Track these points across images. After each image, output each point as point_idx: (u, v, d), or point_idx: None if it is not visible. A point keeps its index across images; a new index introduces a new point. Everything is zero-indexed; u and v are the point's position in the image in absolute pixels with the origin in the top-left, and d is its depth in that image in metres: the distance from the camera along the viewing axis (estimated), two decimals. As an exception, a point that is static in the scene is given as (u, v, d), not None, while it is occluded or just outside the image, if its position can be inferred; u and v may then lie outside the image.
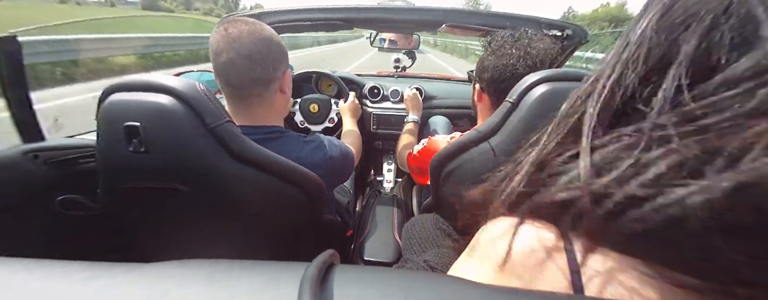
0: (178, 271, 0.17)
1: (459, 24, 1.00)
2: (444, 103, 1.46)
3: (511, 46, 0.70)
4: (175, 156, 0.48)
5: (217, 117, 0.49)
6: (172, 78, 0.49)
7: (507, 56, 0.69)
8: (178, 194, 0.51)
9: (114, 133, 0.47)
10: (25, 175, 0.59)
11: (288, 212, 0.62)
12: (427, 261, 0.69)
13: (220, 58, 0.57)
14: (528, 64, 0.67)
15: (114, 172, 0.52)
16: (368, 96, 1.49)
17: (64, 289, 0.16)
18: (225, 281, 0.16)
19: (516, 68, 0.68)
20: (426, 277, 0.18)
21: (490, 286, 0.18)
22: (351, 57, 13.45)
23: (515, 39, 0.71)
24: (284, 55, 0.64)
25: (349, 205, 1.07)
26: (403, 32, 1.62)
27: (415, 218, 0.88)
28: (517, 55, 0.68)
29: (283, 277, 0.17)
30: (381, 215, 1.04)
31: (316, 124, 1.35)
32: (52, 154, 0.62)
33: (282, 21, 0.99)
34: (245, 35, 0.57)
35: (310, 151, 0.65)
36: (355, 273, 0.17)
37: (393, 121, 1.48)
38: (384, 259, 0.86)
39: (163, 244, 0.60)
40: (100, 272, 0.17)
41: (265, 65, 0.60)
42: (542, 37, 0.71)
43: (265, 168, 0.54)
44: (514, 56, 0.68)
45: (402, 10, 1.02)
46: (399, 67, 1.76)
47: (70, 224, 0.64)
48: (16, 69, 0.58)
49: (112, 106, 0.47)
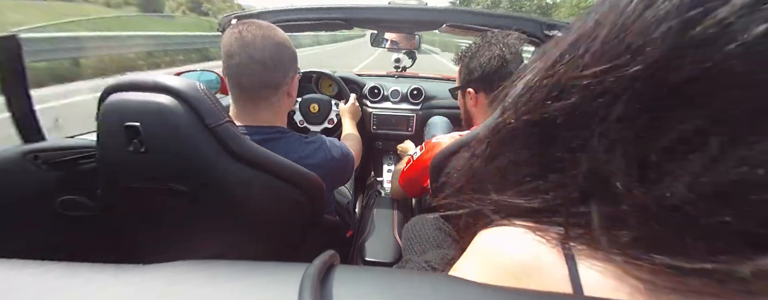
0: (177, 272, 0.17)
1: (460, 24, 1.00)
2: (444, 103, 1.46)
3: (487, 46, 0.75)
4: (175, 156, 0.48)
5: (217, 117, 0.49)
6: (172, 78, 0.49)
7: (489, 52, 0.74)
8: (178, 194, 0.51)
9: (114, 133, 0.47)
10: (25, 176, 0.59)
11: (288, 213, 0.61)
12: (429, 261, 0.69)
13: (233, 60, 0.58)
14: (511, 51, 0.73)
15: (114, 172, 0.52)
16: (368, 96, 1.49)
17: (64, 291, 0.16)
18: (225, 282, 0.16)
19: (503, 57, 0.73)
20: (426, 277, 0.18)
21: (490, 285, 0.18)
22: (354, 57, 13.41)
23: (487, 40, 0.77)
24: (295, 60, 0.65)
25: (349, 205, 1.07)
26: (404, 32, 1.62)
27: (416, 218, 0.88)
28: (499, 48, 0.74)
29: (283, 277, 0.17)
30: (381, 216, 1.04)
31: (316, 125, 1.35)
32: (53, 154, 0.62)
33: (282, 20, 0.99)
34: (260, 40, 0.58)
35: (312, 151, 0.65)
36: (354, 273, 0.17)
37: (393, 122, 1.48)
38: (384, 259, 0.85)
39: (163, 244, 0.60)
40: (100, 274, 0.17)
41: (276, 70, 0.61)
42: (510, 33, 0.77)
43: (265, 168, 0.54)
44: (496, 49, 0.74)
45: (402, 9, 1.02)
46: (399, 67, 1.76)
47: (70, 225, 0.64)
48: (16, 68, 0.58)
49: (113, 106, 0.47)
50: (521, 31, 0.81)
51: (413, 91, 1.48)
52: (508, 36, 0.76)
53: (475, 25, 0.99)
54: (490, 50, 0.74)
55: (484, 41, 0.77)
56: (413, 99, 1.48)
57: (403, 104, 1.49)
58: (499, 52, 0.73)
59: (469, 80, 0.79)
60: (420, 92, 1.47)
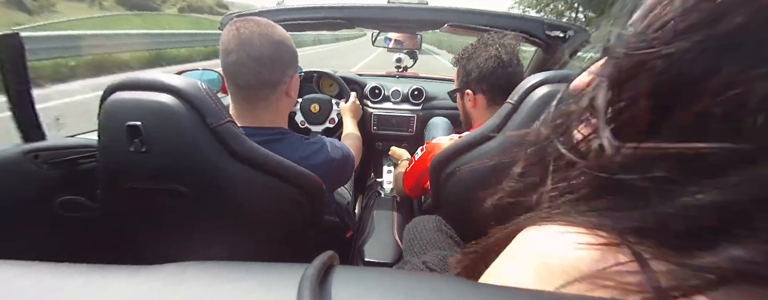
0: (176, 273, 0.17)
1: (461, 24, 1.00)
2: (445, 104, 1.46)
3: (484, 46, 0.76)
4: (176, 155, 0.48)
5: (218, 116, 0.49)
6: (174, 77, 0.49)
7: (486, 53, 0.75)
8: (178, 195, 0.51)
9: (115, 133, 0.47)
10: (25, 175, 0.59)
11: (288, 213, 0.61)
12: (426, 262, 0.69)
13: (230, 57, 0.57)
14: (507, 51, 0.74)
15: (115, 171, 0.52)
16: (369, 96, 1.49)
17: (64, 291, 0.16)
18: (224, 283, 0.16)
19: (500, 58, 0.73)
20: (425, 278, 0.18)
21: (490, 286, 0.18)
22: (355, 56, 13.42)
23: (484, 41, 0.77)
24: (294, 59, 0.64)
25: (348, 206, 1.07)
26: (406, 32, 1.63)
27: (417, 219, 0.88)
28: (495, 48, 0.74)
29: (282, 278, 0.17)
30: (381, 216, 1.04)
31: (317, 125, 1.35)
32: (53, 153, 0.62)
33: (283, 20, 0.99)
34: (257, 37, 0.57)
35: (312, 152, 0.65)
36: (354, 274, 0.17)
37: (394, 122, 1.47)
38: (384, 260, 0.85)
39: (162, 244, 0.60)
40: (100, 274, 0.17)
41: (273, 68, 0.60)
42: (506, 34, 0.77)
43: (266, 168, 0.53)
44: (493, 49, 0.74)
45: (403, 9, 1.02)
46: (400, 67, 1.76)
47: (70, 225, 0.64)
48: (17, 67, 0.58)
49: (114, 105, 0.47)
50: (523, 32, 0.81)
51: (414, 91, 1.48)
52: (505, 36, 0.76)
53: (477, 25, 0.99)
54: (487, 51, 0.75)
55: (481, 42, 0.77)
56: (414, 99, 1.48)
57: (404, 105, 1.49)
58: (496, 53, 0.73)
59: (466, 82, 0.79)
60: (421, 93, 1.47)
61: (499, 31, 0.79)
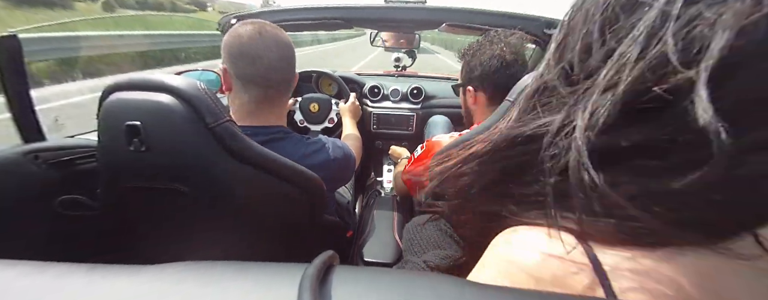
0: (176, 273, 0.17)
1: (459, 23, 1.00)
2: (444, 103, 1.46)
3: (489, 44, 0.76)
4: (176, 155, 0.48)
5: (217, 116, 0.49)
6: (172, 77, 0.48)
7: (490, 51, 0.74)
8: (179, 194, 0.51)
9: (115, 132, 0.47)
10: (25, 176, 0.59)
11: (288, 213, 0.61)
12: (427, 261, 0.69)
13: (261, 61, 0.59)
14: (511, 51, 0.73)
15: (115, 171, 0.52)
16: (368, 95, 1.49)
17: (64, 291, 0.16)
18: (224, 282, 0.16)
19: (503, 57, 0.73)
20: (425, 278, 0.18)
21: (490, 286, 0.18)
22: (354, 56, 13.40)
23: (489, 39, 0.77)
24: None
25: (348, 205, 1.07)
26: (403, 31, 1.63)
27: (417, 219, 0.88)
28: (499, 48, 0.74)
29: (282, 278, 0.17)
30: (381, 216, 1.04)
31: (316, 124, 1.35)
32: (53, 154, 0.62)
33: (282, 20, 0.99)
34: (279, 39, 0.61)
35: (313, 152, 0.65)
36: (354, 274, 0.17)
37: (393, 121, 1.47)
38: (384, 260, 0.85)
39: (162, 244, 0.60)
40: (100, 274, 0.17)
41: (292, 68, 0.65)
42: (513, 32, 0.77)
43: (265, 168, 0.53)
44: (497, 48, 0.74)
45: (401, 9, 1.02)
46: (399, 66, 1.75)
47: (70, 224, 0.64)
48: (16, 68, 0.58)
49: (113, 105, 0.47)
50: (521, 30, 0.81)
51: (413, 90, 1.48)
52: (511, 35, 0.76)
53: (475, 24, 0.99)
54: (491, 49, 0.74)
55: (486, 40, 0.77)
56: (413, 98, 1.48)
57: (404, 103, 1.49)
58: (500, 52, 0.73)
59: (469, 78, 0.79)
60: (420, 91, 1.47)
61: (502, 28, 0.79)
